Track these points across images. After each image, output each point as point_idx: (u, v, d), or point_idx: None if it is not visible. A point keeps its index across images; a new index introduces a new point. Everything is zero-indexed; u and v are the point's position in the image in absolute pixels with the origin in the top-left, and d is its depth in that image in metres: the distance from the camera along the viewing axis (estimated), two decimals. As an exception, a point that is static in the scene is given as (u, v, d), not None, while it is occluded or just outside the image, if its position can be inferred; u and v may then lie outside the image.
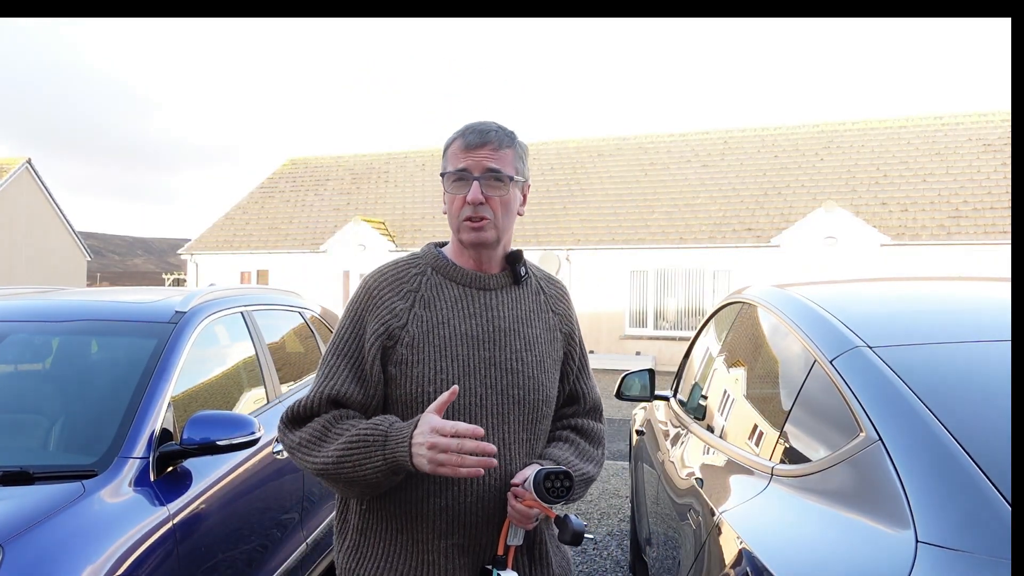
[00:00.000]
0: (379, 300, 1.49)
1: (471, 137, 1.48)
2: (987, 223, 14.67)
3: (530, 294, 1.60)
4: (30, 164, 25.44)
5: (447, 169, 1.50)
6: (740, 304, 2.60)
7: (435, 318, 1.48)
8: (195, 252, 21.37)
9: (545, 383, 1.55)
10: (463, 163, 1.47)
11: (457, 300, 1.51)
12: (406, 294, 1.50)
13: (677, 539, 2.17)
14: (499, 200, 1.48)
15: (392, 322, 1.46)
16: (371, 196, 21.53)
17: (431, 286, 1.52)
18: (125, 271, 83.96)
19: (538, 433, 1.54)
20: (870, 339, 1.61)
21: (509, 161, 1.50)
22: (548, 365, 1.57)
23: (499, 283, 1.56)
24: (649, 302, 17.02)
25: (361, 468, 1.38)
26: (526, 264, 1.62)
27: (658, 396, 3.37)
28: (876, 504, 1.27)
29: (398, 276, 1.52)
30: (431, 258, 1.56)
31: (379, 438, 1.38)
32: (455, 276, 1.53)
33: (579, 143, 21.17)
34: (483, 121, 1.53)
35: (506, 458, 1.47)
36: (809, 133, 18.70)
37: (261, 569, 2.76)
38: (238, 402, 3.16)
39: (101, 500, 2.05)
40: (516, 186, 1.52)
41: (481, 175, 1.46)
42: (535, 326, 1.57)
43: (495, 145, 1.48)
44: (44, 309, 2.99)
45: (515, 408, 1.49)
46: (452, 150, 1.50)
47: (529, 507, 1.40)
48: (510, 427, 1.49)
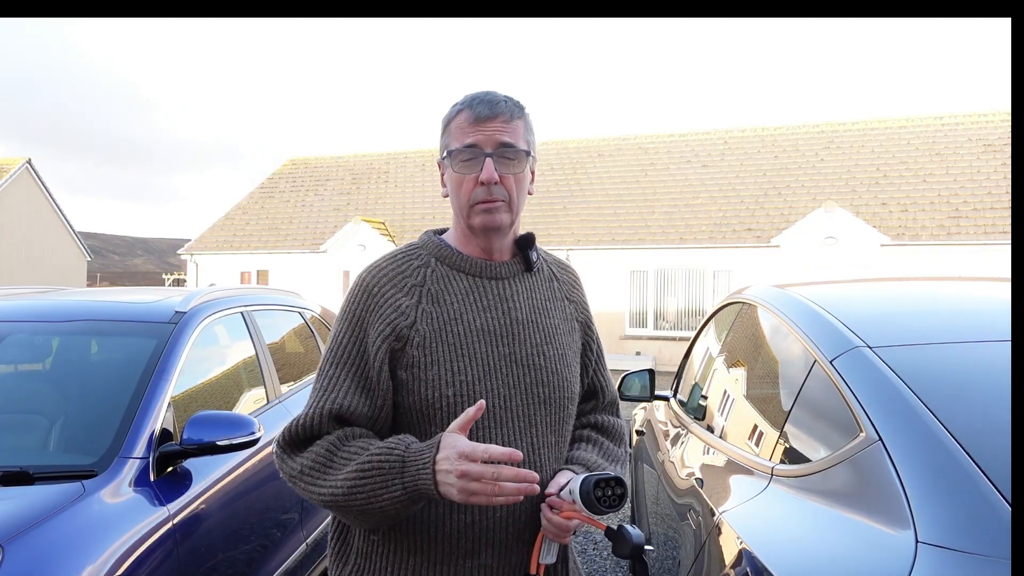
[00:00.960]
0: (381, 298, 1.32)
1: (480, 108, 1.32)
2: (987, 223, 14.67)
3: (544, 281, 1.46)
4: (30, 164, 25.44)
5: (452, 146, 1.34)
6: (740, 304, 2.60)
7: (446, 313, 1.33)
8: (195, 252, 21.36)
9: (569, 379, 1.41)
10: (472, 138, 1.31)
11: (468, 292, 1.36)
12: (410, 289, 1.34)
13: (677, 539, 2.17)
14: (514, 178, 1.33)
15: (399, 321, 1.30)
16: (371, 196, 21.53)
17: (437, 278, 1.36)
18: (125, 271, 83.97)
19: (565, 435, 1.41)
20: (870, 339, 1.60)
21: (521, 134, 1.35)
22: (570, 358, 1.43)
23: (511, 271, 1.41)
24: (649, 302, 17.01)
25: (377, 499, 1.20)
26: (537, 249, 1.47)
27: (658, 396, 3.37)
28: (876, 504, 1.27)
29: (399, 270, 1.36)
30: (433, 247, 1.40)
31: (395, 464, 1.20)
32: (462, 266, 1.38)
33: (579, 143, 21.17)
34: (488, 91, 1.37)
35: (536, 466, 1.32)
36: (809, 133, 18.70)
37: (261, 569, 2.76)
38: (238, 402, 3.16)
39: (101, 500, 2.05)
40: (529, 161, 1.37)
41: (494, 151, 1.31)
42: (553, 316, 1.43)
43: (507, 116, 1.32)
44: (44, 309, 2.99)
45: (541, 409, 1.35)
46: (458, 124, 1.34)
47: (568, 519, 1.26)
48: (538, 430, 1.34)
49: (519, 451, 1.17)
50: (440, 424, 1.28)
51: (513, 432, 1.31)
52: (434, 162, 21.23)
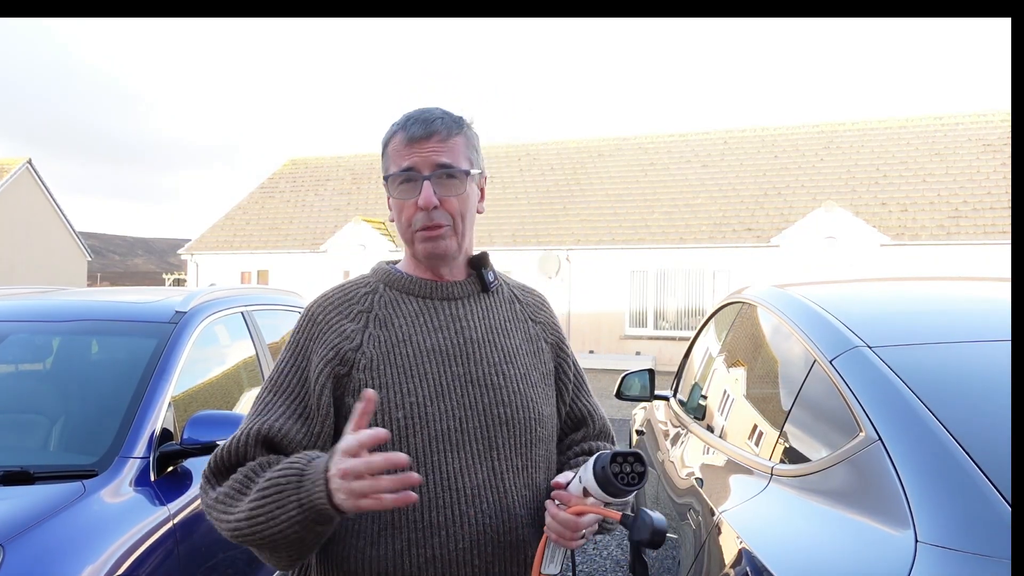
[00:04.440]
0: (325, 325, 1.26)
1: (415, 129, 1.25)
2: (987, 223, 14.67)
3: (503, 302, 1.39)
4: (30, 164, 25.44)
5: (390, 170, 1.28)
6: (740, 304, 2.60)
7: (394, 336, 1.26)
8: (195, 252, 21.36)
9: (534, 398, 1.32)
10: (408, 160, 1.25)
11: (418, 314, 1.30)
12: (357, 315, 1.28)
13: (677, 539, 2.17)
14: (456, 200, 1.27)
15: (343, 345, 1.24)
16: (371, 196, 21.53)
17: (385, 303, 1.30)
18: (125, 271, 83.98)
19: (535, 459, 1.30)
20: (870, 339, 1.61)
21: (461, 152, 1.28)
22: (535, 379, 1.34)
23: (464, 291, 1.34)
24: (649, 302, 17.01)
25: (275, 522, 1.08)
26: (493, 269, 1.40)
27: (658, 396, 3.37)
28: (876, 504, 1.27)
29: (345, 298, 1.31)
30: (382, 274, 1.35)
31: (293, 479, 1.08)
32: (411, 288, 1.32)
33: (579, 143, 21.17)
34: (424, 108, 1.30)
35: (500, 491, 1.23)
36: (809, 133, 18.70)
37: (261, 569, 2.76)
38: (238, 402, 3.16)
39: (101, 500, 2.05)
40: (472, 181, 1.30)
41: (432, 172, 1.25)
42: (513, 336, 1.35)
43: (443, 135, 1.26)
44: (44, 309, 2.99)
45: (502, 430, 1.26)
46: (393, 146, 1.28)
47: (579, 513, 1.14)
48: (500, 453, 1.25)
49: (405, 454, 1.08)
50: (389, 449, 1.17)
51: (472, 455, 1.23)
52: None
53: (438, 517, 1.19)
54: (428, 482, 1.19)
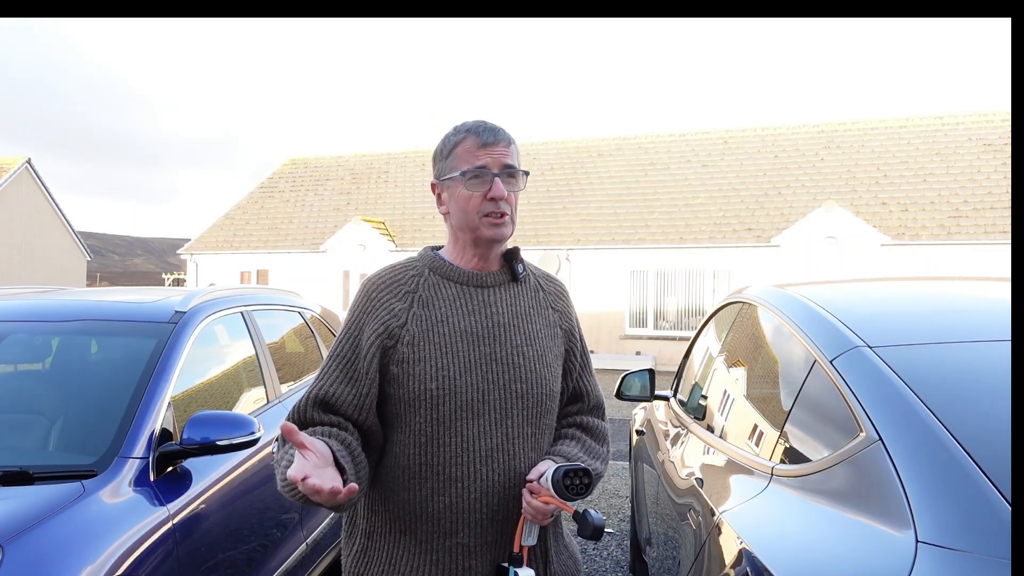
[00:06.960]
0: (377, 302, 1.51)
1: (486, 135, 1.50)
2: (987, 223, 14.67)
3: (528, 291, 1.61)
4: (30, 164, 25.43)
5: (461, 168, 1.50)
6: (740, 304, 2.60)
7: (434, 316, 1.50)
8: (195, 252, 21.36)
9: (547, 377, 1.55)
10: (481, 160, 1.49)
11: (455, 298, 1.53)
12: (404, 295, 1.51)
13: (677, 539, 2.17)
14: (515, 196, 1.53)
15: (391, 322, 1.48)
16: (371, 196, 21.53)
17: (428, 286, 1.53)
18: (125, 271, 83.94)
19: (543, 428, 1.55)
20: (870, 339, 1.60)
21: (517, 157, 1.55)
22: (550, 359, 1.57)
23: (497, 280, 1.58)
24: (649, 302, 17.01)
25: (292, 497, 1.36)
26: (523, 261, 1.64)
27: (658, 396, 3.37)
28: (876, 504, 1.27)
29: (395, 279, 1.54)
30: (428, 260, 1.58)
31: (280, 479, 1.38)
32: (452, 275, 1.55)
33: (579, 143, 21.17)
34: (484, 120, 1.57)
35: (510, 453, 1.48)
36: (809, 133, 18.70)
37: (261, 569, 2.76)
38: (238, 402, 3.16)
39: (101, 500, 2.05)
40: (525, 180, 1.57)
41: (500, 171, 1.49)
42: (535, 322, 1.58)
43: (507, 142, 1.52)
44: (44, 309, 2.99)
45: (518, 403, 1.49)
46: (465, 147, 1.51)
47: (546, 503, 1.40)
48: (514, 422, 1.49)
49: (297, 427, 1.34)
50: (423, 414, 1.45)
51: (490, 423, 1.47)
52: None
53: (456, 472, 1.44)
54: (451, 443, 1.44)
